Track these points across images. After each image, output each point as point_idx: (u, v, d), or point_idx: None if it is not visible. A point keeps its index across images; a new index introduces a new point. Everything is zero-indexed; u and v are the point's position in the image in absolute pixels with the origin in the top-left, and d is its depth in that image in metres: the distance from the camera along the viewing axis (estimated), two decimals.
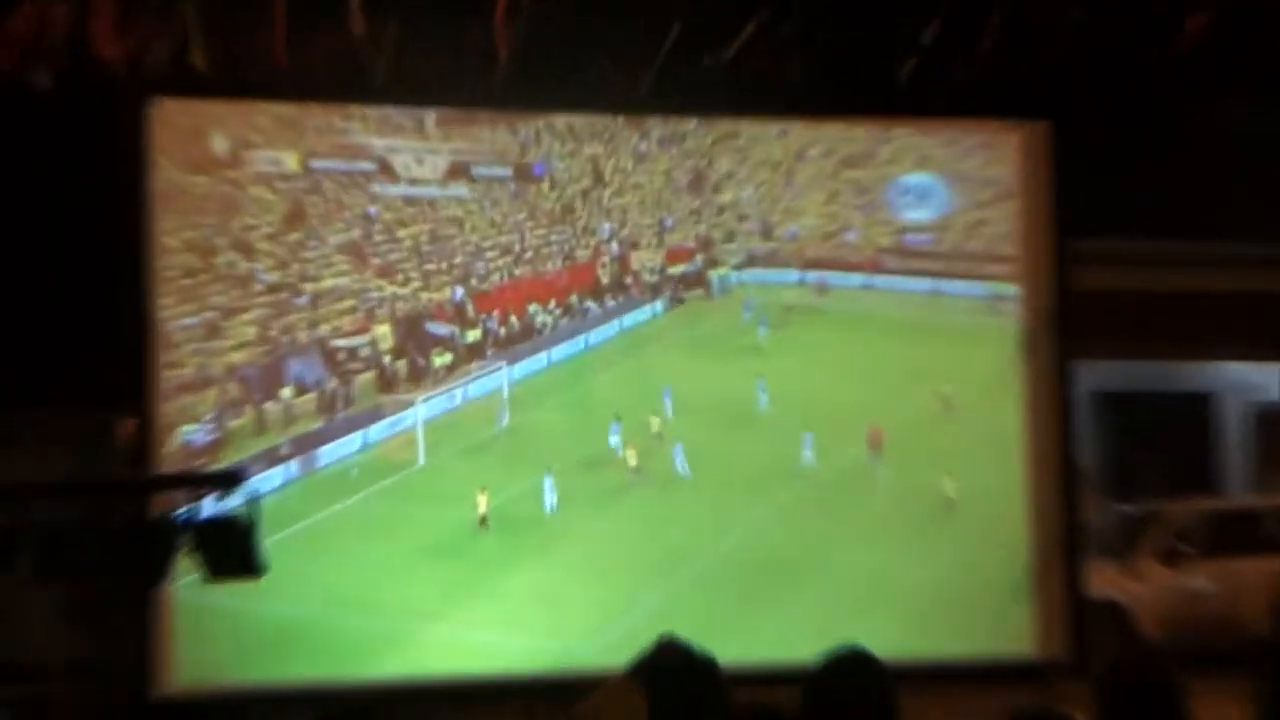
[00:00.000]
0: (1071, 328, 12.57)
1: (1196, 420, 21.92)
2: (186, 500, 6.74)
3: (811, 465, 12.90)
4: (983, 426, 12.88)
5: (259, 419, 11.83)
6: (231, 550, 6.50)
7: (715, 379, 13.33)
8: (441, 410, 12.61)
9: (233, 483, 6.76)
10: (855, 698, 4.77)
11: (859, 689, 4.79)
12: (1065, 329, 12.55)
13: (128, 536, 6.56)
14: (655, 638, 4.98)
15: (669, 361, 13.44)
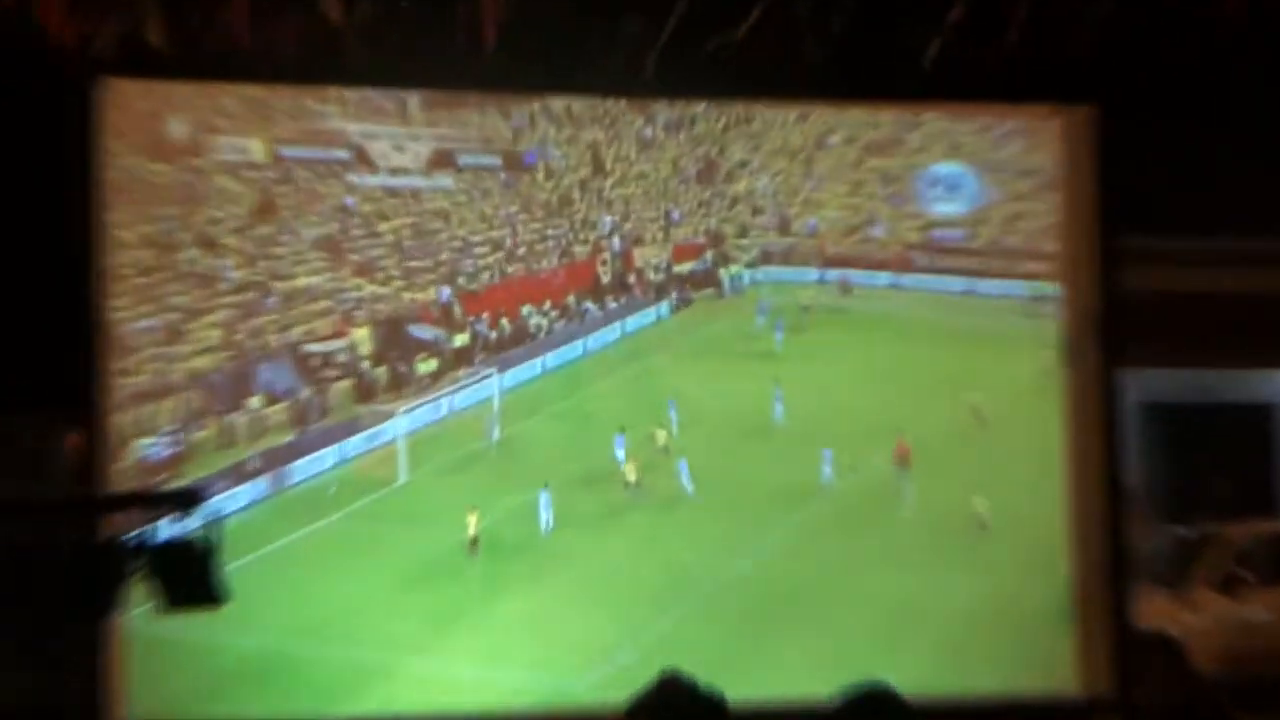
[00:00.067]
0: (1118, 332, 12.52)
1: (1256, 434, 21.87)
2: (141, 521, 6.72)
3: (831, 483, 12.89)
4: (1019, 440, 12.86)
5: (224, 431, 11.80)
6: (190, 577, 6.51)
7: (726, 388, 13.33)
8: (425, 422, 12.61)
9: (192, 502, 6.75)
10: None
11: None
12: (1111, 333, 12.51)
13: (74, 562, 6.54)
14: (658, 672, 4.99)
15: (675, 368, 13.44)
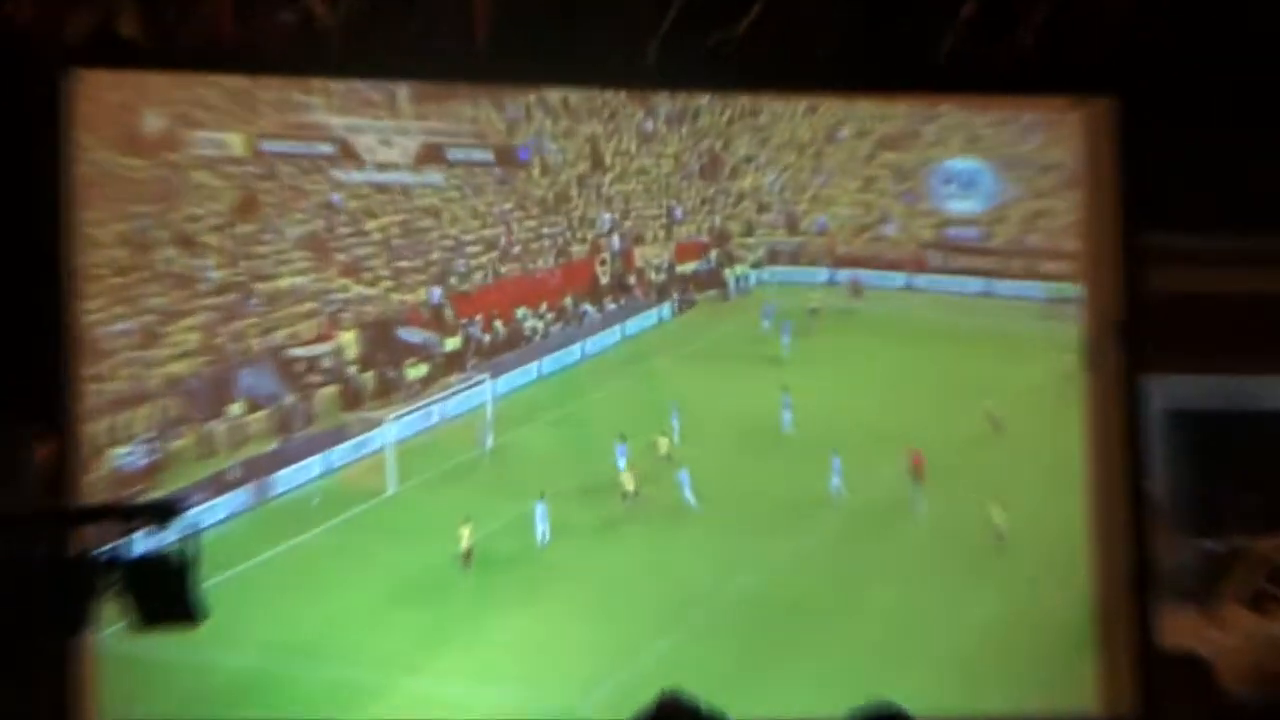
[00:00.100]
0: (1141, 335, 12.48)
1: None
2: (114, 535, 6.71)
3: (841, 494, 12.86)
4: (1038, 449, 12.83)
5: (203, 440, 11.78)
6: (166, 593, 6.49)
7: (731, 394, 13.31)
8: (415, 430, 12.60)
9: (169, 514, 6.74)
10: None
11: None
12: (1134, 337, 12.46)
13: (45, 577, 6.52)
14: (659, 692, 4.98)
15: (677, 374, 13.42)
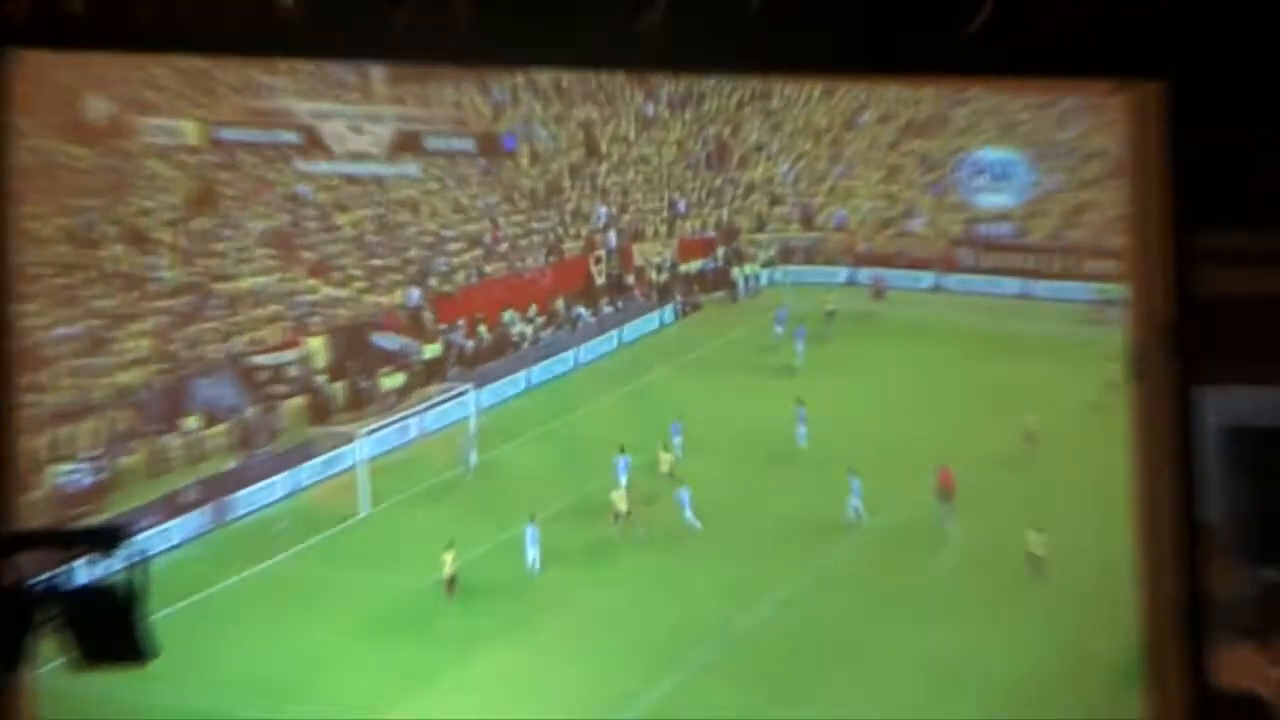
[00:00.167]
0: (1195, 342, 12.39)
1: None
2: (54, 563, 6.62)
3: (861, 517, 12.78)
4: (1080, 469, 12.79)
5: (155, 457, 11.66)
6: (110, 628, 6.38)
7: (739, 407, 13.24)
8: (391, 445, 12.53)
9: (114, 540, 6.64)
10: None
11: None
12: (1187, 344, 12.38)
13: None
14: None
15: (680, 384, 13.33)
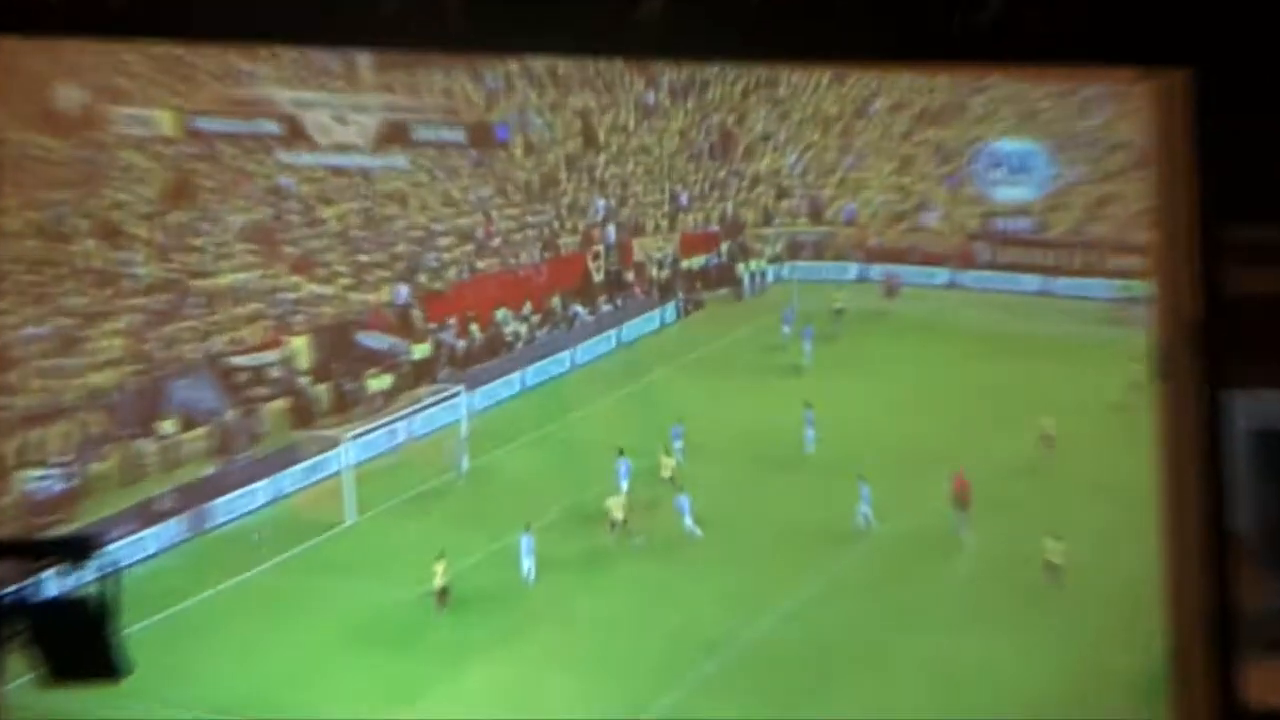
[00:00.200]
0: (1223, 342, 12.30)
1: None
2: (22, 574, 6.57)
3: (871, 524, 12.74)
4: (1101, 475, 12.74)
5: (129, 462, 11.58)
6: (81, 643, 6.31)
7: (744, 409, 13.22)
8: (378, 450, 12.49)
9: (86, 550, 6.57)
10: None
11: None
12: (1214, 344, 12.29)
13: None
14: None
15: (682, 386, 13.29)
